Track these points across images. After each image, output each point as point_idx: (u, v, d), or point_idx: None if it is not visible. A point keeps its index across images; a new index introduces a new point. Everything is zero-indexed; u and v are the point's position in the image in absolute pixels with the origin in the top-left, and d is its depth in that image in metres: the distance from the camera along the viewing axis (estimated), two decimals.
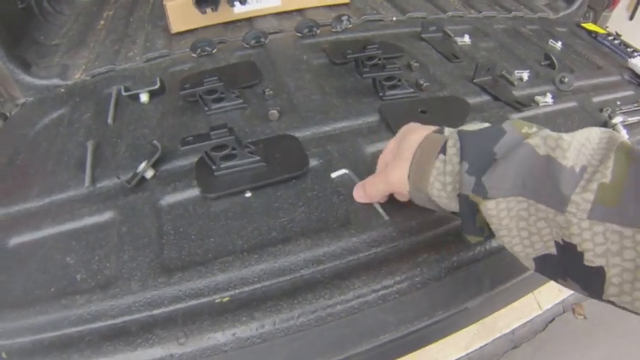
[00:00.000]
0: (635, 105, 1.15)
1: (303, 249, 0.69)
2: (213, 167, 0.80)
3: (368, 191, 0.71)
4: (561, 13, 1.70)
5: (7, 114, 1.16)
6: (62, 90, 1.14)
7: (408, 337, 0.70)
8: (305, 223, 0.74)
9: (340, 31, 1.28)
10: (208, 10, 1.19)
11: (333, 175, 0.80)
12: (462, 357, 0.97)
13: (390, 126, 0.92)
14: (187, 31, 1.29)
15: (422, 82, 1.06)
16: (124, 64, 1.18)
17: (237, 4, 1.21)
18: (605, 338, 1.61)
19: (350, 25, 1.29)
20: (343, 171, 0.80)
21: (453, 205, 0.56)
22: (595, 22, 1.77)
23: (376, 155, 0.85)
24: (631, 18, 2.26)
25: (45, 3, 1.45)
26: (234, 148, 0.79)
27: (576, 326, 1.65)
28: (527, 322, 1.09)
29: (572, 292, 0.97)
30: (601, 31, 1.59)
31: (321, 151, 0.86)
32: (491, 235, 0.55)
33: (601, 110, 1.10)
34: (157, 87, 1.00)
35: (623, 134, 1.00)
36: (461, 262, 0.71)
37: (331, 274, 0.68)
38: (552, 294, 1.08)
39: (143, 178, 0.84)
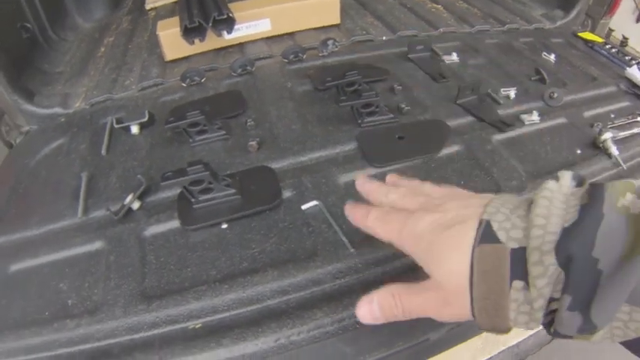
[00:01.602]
0: (630, 117, 1.13)
1: (270, 280, 0.74)
2: (192, 200, 0.85)
3: (394, 308, 0.50)
4: (558, 23, 1.69)
5: (13, 142, 1.24)
6: (62, 119, 1.21)
7: None
8: (275, 254, 0.78)
9: (327, 54, 1.31)
10: (197, 40, 1.23)
11: (304, 207, 0.84)
12: None
13: (365, 155, 0.95)
14: (181, 59, 1.35)
15: (403, 105, 1.08)
16: (121, 93, 1.24)
17: (224, 32, 1.25)
18: (614, 349, 1.58)
19: (337, 49, 1.32)
20: (314, 202, 0.84)
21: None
22: (593, 30, 1.75)
23: (349, 184, 0.89)
24: (638, 20, 2.22)
25: (49, 31, 1.52)
26: (210, 182, 0.84)
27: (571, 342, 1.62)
28: (533, 334, 1.09)
29: None
30: (598, 39, 1.56)
31: (295, 182, 0.89)
32: None
33: (592, 125, 1.09)
34: (145, 119, 1.06)
35: (613, 150, 0.99)
36: None
37: (295, 304, 0.72)
38: None
39: (130, 210, 0.89)
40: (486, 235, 0.40)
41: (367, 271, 0.75)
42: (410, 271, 0.75)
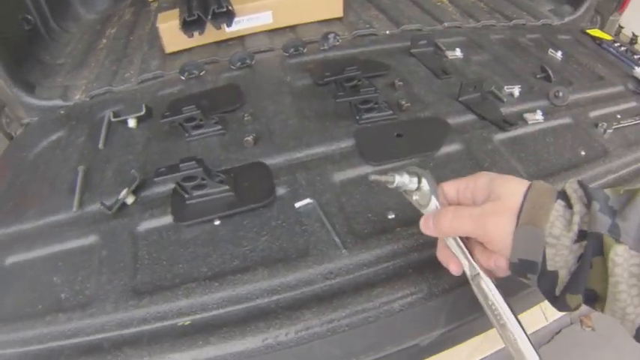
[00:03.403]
0: (637, 118, 1.10)
1: (260, 279, 0.73)
2: (186, 196, 0.85)
3: (445, 224, 0.59)
4: (566, 19, 1.64)
5: (13, 134, 1.24)
6: (62, 112, 1.20)
7: None
8: (266, 252, 0.77)
9: (327, 49, 1.29)
10: (196, 33, 1.22)
11: (297, 204, 0.82)
12: None
13: (362, 152, 0.94)
14: (182, 51, 1.34)
15: (403, 102, 1.06)
16: (120, 86, 1.24)
17: (224, 26, 1.24)
18: (613, 352, 1.56)
19: (338, 43, 1.30)
20: (307, 200, 0.83)
21: (567, 255, 0.50)
22: (602, 27, 1.70)
23: (345, 182, 0.88)
24: None
25: (51, 22, 1.52)
26: (203, 179, 0.83)
27: (584, 338, 1.60)
28: (532, 333, 1.08)
29: None
30: (607, 37, 1.52)
31: (289, 179, 0.88)
32: (593, 299, 0.52)
33: (596, 125, 1.06)
34: (142, 113, 1.05)
35: None
36: (417, 297, 0.71)
37: (285, 304, 0.71)
38: None
39: (124, 204, 0.89)
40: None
41: (358, 273, 0.74)
42: (402, 274, 0.74)
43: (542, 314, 1.11)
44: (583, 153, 0.99)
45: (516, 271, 0.54)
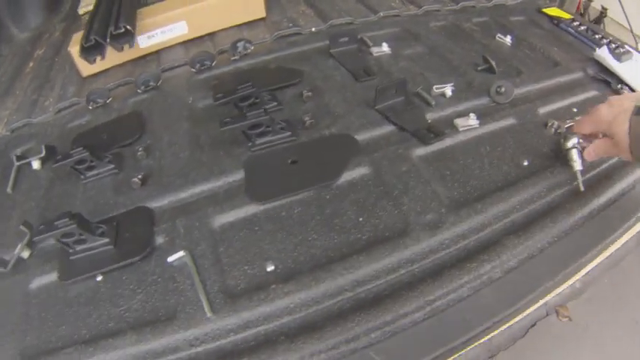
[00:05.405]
0: None
1: (128, 344, 0.72)
2: (70, 251, 0.83)
3: (599, 149, 0.80)
4: None
5: None
6: None
7: None
8: (139, 313, 0.76)
9: (238, 58, 1.22)
10: (97, 58, 1.17)
11: (170, 259, 0.80)
12: None
13: (247, 188, 0.89)
14: (100, 72, 1.29)
15: (306, 118, 0.98)
16: (39, 117, 1.21)
17: (126, 46, 1.18)
18: (592, 342, 1.50)
19: (248, 51, 1.23)
20: (180, 254, 0.80)
21: None
22: (561, 5, 1.54)
23: (225, 228, 0.84)
24: None
25: None
26: (81, 234, 0.81)
27: (561, 330, 1.53)
28: (506, 328, 1.04)
29: (555, 292, 0.90)
30: (566, 16, 1.37)
31: (169, 227, 0.86)
32: None
33: (545, 125, 0.94)
34: (42, 155, 1.03)
35: (576, 165, 0.83)
36: None
37: None
38: None
39: (21, 258, 0.88)
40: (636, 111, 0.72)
41: (224, 340, 0.71)
42: (272, 340, 0.71)
43: None
44: (525, 163, 0.89)
45: None
